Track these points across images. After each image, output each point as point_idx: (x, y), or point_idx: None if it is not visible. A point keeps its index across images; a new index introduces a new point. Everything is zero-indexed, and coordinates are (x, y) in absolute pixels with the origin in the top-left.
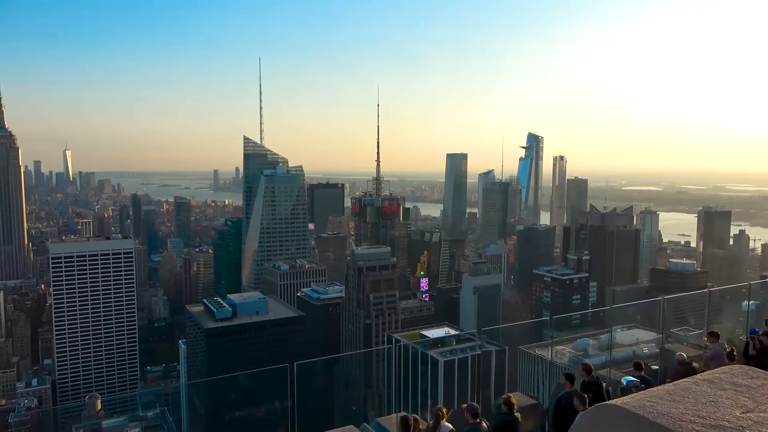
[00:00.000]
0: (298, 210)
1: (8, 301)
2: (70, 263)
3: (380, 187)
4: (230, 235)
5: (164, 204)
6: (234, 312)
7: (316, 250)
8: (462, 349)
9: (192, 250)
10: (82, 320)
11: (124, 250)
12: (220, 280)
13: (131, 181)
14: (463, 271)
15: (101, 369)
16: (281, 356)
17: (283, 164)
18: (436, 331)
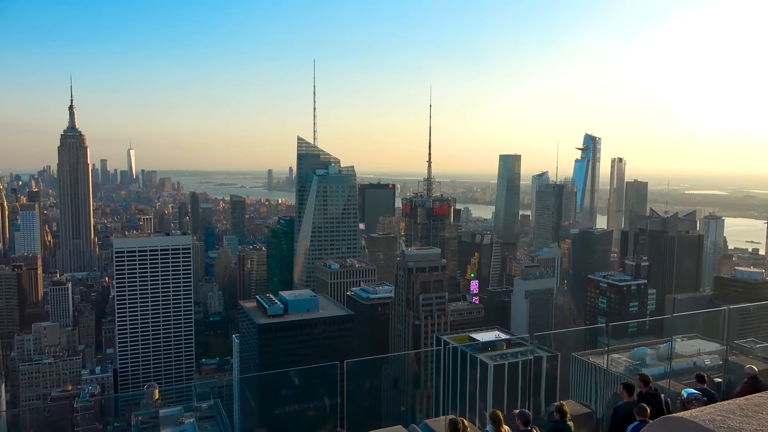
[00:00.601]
0: (349, 210)
1: (76, 292)
2: (132, 257)
3: (431, 188)
4: (283, 234)
5: (221, 202)
6: (285, 309)
7: (366, 249)
8: (512, 354)
9: (246, 247)
10: (142, 312)
11: (182, 246)
12: (273, 277)
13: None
14: (514, 274)
15: (159, 360)
16: (330, 354)
17: (335, 164)
18: (485, 335)
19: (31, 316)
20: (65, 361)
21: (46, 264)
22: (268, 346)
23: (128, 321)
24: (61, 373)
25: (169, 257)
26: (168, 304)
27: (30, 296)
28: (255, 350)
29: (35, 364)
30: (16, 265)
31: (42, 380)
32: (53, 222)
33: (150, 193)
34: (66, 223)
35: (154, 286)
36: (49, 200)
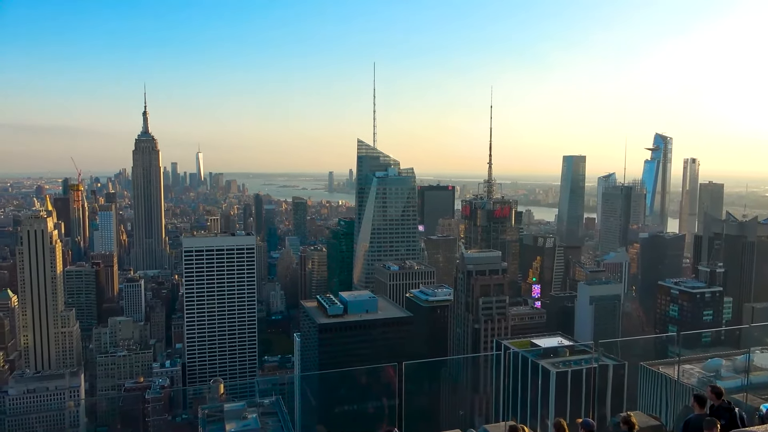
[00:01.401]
0: (408, 211)
1: (148, 288)
2: (200, 256)
3: (492, 190)
4: (343, 235)
5: (283, 204)
6: (345, 309)
7: (426, 251)
8: (576, 361)
9: (307, 248)
10: (209, 309)
11: (246, 246)
12: (333, 278)
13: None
14: (578, 279)
15: (224, 355)
16: (389, 355)
17: (394, 166)
18: (548, 341)
19: (108, 310)
20: (138, 354)
21: (121, 262)
22: (328, 345)
23: (196, 317)
24: (134, 365)
25: (234, 257)
26: (233, 302)
27: (106, 292)
28: (315, 349)
29: (111, 356)
30: (95, 263)
31: (117, 371)
32: (128, 222)
33: (217, 194)
34: (139, 223)
35: (220, 284)
36: (124, 201)
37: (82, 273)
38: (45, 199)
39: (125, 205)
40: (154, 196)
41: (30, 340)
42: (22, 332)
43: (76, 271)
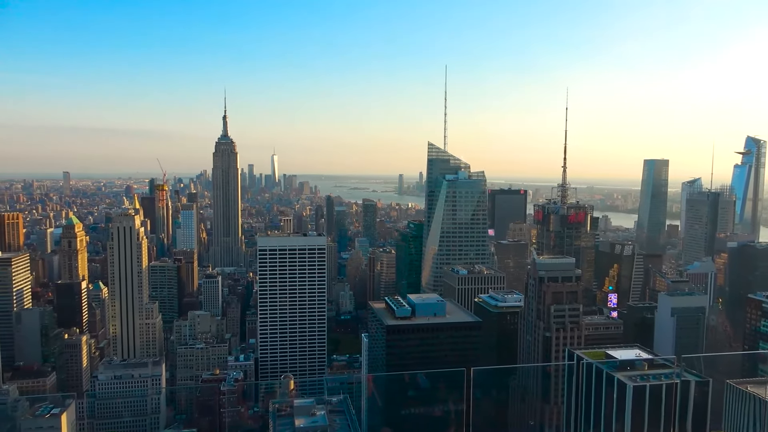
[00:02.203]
0: (478, 215)
1: (224, 285)
2: (273, 255)
3: (566, 195)
4: (412, 237)
5: (354, 205)
6: (413, 312)
7: (495, 256)
8: (655, 376)
9: (376, 249)
10: (281, 307)
11: (318, 246)
12: (401, 280)
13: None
14: (659, 289)
15: (295, 352)
16: (456, 360)
17: (465, 169)
18: (624, 353)
19: (188, 304)
20: (214, 347)
21: (201, 259)
22: (395, 346)
23: (269, 314)
24: (211, 357)
25: (306, 256)
26: (304, 300)
27: (187, 287)
28: (382, 350)
29: (190, 348)
30: (177, 259)
31: (195, 363)
32: (207, 221)
33: (290, 195)
34: (218, 222)
35: (292, 282)
36: (204, 201)
37: (165, 268)
38: (133, 198)
39: (205, 205)
40: (231, 196)
41: (118, 329)
42: (111, 322)
43: (159, 266)
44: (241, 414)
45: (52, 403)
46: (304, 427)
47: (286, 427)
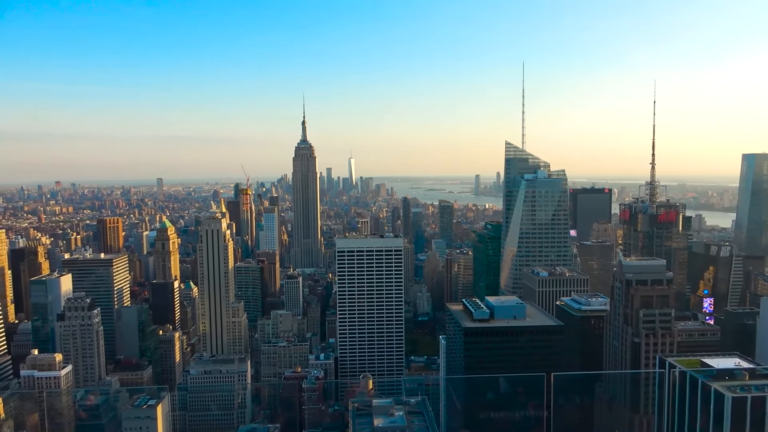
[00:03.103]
0: (559, 215)
1: (305, 285)
2: (351, 256)
3: (655, 193)
4: (489, 239)
5: (430, 207)
6: (491, 314)
7: (578, 258)
8: (757, 387)
9: (453, 251)
10: (359, 307)
11: (395, 248)
12: (479, 282)
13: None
14: (761, 293)
15: (373, 352)
16: (536, 364)
17: (544, 168)
18: (722, 361)
19: (270, 304)
20: (296, 346)
21: (283, 260)
22: (473, 349)
23: (347, 314)
24: (293, 356)
25: (383, 258)
26: (382, 301)
27: (270, 287)
28: (460, 352)
29: (273, 346)
30: (260, 260)
31: (278, 360)
32: (288, 223)
33: (367, 198)
34: (298, 224)
35: (370, 283)
36: (285, 204)
37: (249, 269)
38: (220, 202)
39: (286, 208)
40: (311, 199)
41: (207, 327)
42: (200, 320)
43: (244, 267)
44: (322, 411)
45: (148, 395)
46: (383, 426)
47: (365, 426)
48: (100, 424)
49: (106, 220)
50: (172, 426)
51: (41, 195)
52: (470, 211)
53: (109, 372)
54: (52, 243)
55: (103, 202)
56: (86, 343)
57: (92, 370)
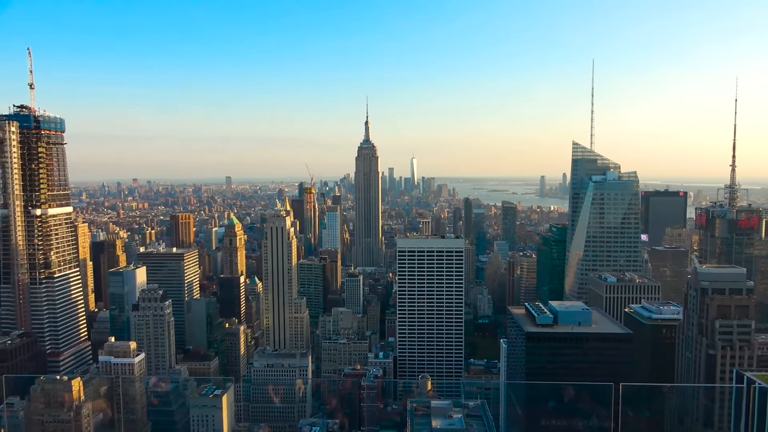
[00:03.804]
0: (629, 219)
1: (365, 284)
2: (412, 256)
3: (735, 196)
4: (554, 242)
5: (492, 208)
6: (555, 319)
7: (649, 264)
8: None
9: (516, 253)
10: (419, 307)
11: (456, 249)
12: (542, 286)
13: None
14: None
15: (432, 353)
16: (602, 373)
17: (614, 169)
18: None
19: (331, 301)
20: (356, 343)
21: (344, 258)
22: (535, 354)
23: (407, 314)
24: (352, 353)
25: (444, 258)
26: (442, 302)
27: (331, 284)
28: (522, 357)
29: (333, 342)
30: (322, 258)
31: (337, 357)
32: (350, 222)
33: (429, 198)
34: (360, 223)
35: (430, 284)
36: (347, 203)
37: (311, 266)
38: (285, 201)
39: (348, 207)
40: (372, 199)
41: (270, 321)
42: (264, 314)
43: (307, 264)
44: (380, 410)
45: (215, 385)
46: (441, 428)
47: (423, 426)
48: (170, 410)
49: (178, 216)
50: (236, 415)
51: (120, 192)
52: (534, 213)
53: (178, 361)
54: (129, 237)
55: (175, 199)
56: (158, 332)
57: (163, 359)
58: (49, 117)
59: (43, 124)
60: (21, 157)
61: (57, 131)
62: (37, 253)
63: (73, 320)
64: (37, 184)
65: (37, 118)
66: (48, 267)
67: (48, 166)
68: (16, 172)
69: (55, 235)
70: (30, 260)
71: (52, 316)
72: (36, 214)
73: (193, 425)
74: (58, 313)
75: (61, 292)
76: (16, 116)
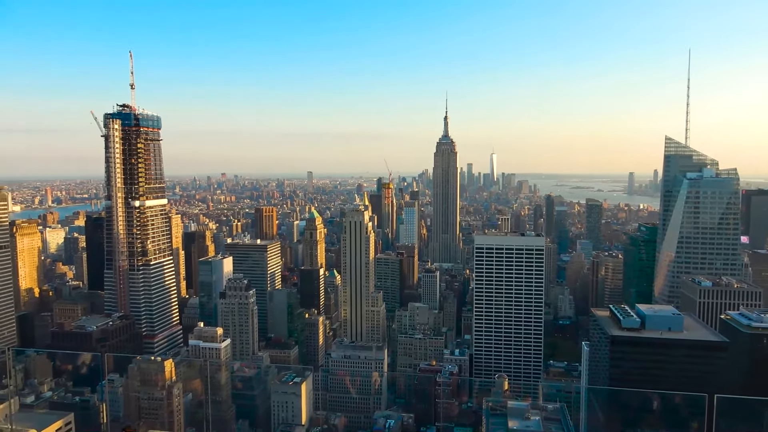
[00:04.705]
0: (728, 219)
1: (442, 280)
2: (490, 254)
3: None
4: (643, 242)
5: (576, 205)
6: (642, 323)
7: (750, 268)
8: None
9: (601, 253)
10: (496, 306)
11: (536, 247)
12: (629, 288)
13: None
14: None
15: (509, 353)
16: (694, 383)
17: (711, 166)
18: None
19: (408, 296)
20: (431, 339)
21: (421, 254)
22: (620, 359)
23: (484, 312)
24: (428, 348)
25: (524, 257)
26: (520, 301)
27: (407, 279)
28: (605, 361)
29: (409, 337)
30: (399, 253)
31: (413, 352)
32: (428, 218)
33: (508, 194)
34: (437, 219)
35: (508, 282)
36: (425, 199)
37: (388, 261)
38: (363, 196)
39: (426, 203)
40: (451, 194)
41: (348, 313)
42: (342, 306)
43: (384, 259)
44: (455, 407)
45: (295, 373)
46: (518, 429)
47: (499, 426)
48: (252, 395)
49: (262, 209)
50: (314, 403)
51: (210, 185)
52: (621, 212)
53: (260, 348)
54: (217, 228)
55: (260, 193)
56: (242, 320)
57: (246, 345)
58: (147, 115)
59: (142, 121)
60: (122, 152)
61: (154, 128)
62: (135, 242)
63: (166, 305)
64: (136, 178)
65: (136, 116)
66: (145, 255)
67: (146, 161)
68: (118, 166)
69: (151, 225)
70: (129, 248)
71: (148, 301)
72: (135, 205)
73: (273, 410)
74: (153, 298)
75: (157, 279)
76: (118, 114)
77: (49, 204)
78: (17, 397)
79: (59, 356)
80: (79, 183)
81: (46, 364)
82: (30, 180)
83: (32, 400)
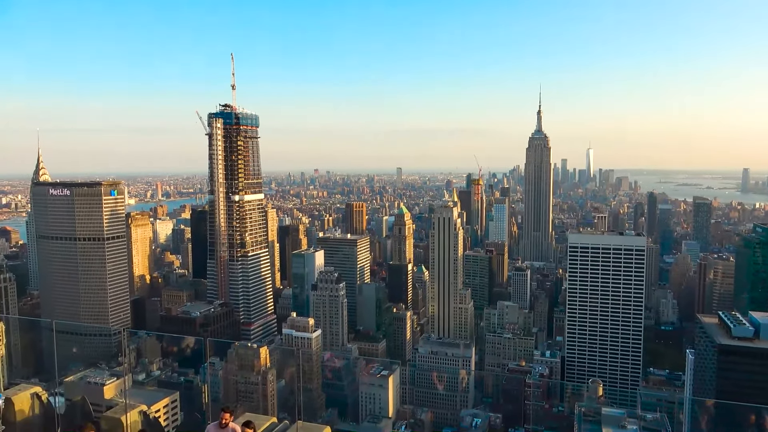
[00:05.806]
0: None
1: (533, 279)
2: (585, 253)
3: None
4: (758, 244)
5: (681, 204)
6: (756, 332)
7: None
8: None
9: (709, 255)
10: (591, 307)
11: (636, 247)
12: (741, 293)
13: (648, 179)
14: None
15: (605, 357)
16: None
17: None
18: None
19: (497, 294)
20: (521, 339)
21: (511, 251)
22: (729, 370)
23: (578, 314)
24: (517, 348)
25: (622, 257)
26: (618, 304)
27: (497, 277)
28: (712, 372)
29: (497, 336)
30: (488, 250)
31: (501, 351)
32: (518, 215)
33: (606, 191)
34: (529, 216)
35: (604, 283)
36: (516, 196)
37: (477, 258)
38: (452, 192)
39: (517, 199)
40: (543, 191)
41: (435, 309)
42: (430, 302)
43: (472, 256)
44: (545, 410)
45: (382, 366)
46: None
47: None
48: (341, 384)
49: (353, 204)
50: (401, 397)
51: (303, 181)
52: (734, 211)
53: (349, 340)
54: (309, 222)
55: (351, 188)
56: (333, 311)
57: (336, 336)
58: (247, 114)
59: (242, 120)
60: (224, 149)
61: (253, 126)
62: (235, 234)
63: (262, 295)
64: (236, 174)
65: (237, 115)
66: (243, 247)
67: (245, 158)
68: (220, 162)
69: (249, 219)
70: (229, 240)
71: (246, 290)
72: (235, 200)
73: (361, 401)
74: (250, 288)
75: (254, 270)
76: (220, 114)
77: (159, 198)
78: (130, 374)
79: (167, 339)
80: (186, 178)
81: (156, 345)
82: (143, 175)
83: (143, 378)
